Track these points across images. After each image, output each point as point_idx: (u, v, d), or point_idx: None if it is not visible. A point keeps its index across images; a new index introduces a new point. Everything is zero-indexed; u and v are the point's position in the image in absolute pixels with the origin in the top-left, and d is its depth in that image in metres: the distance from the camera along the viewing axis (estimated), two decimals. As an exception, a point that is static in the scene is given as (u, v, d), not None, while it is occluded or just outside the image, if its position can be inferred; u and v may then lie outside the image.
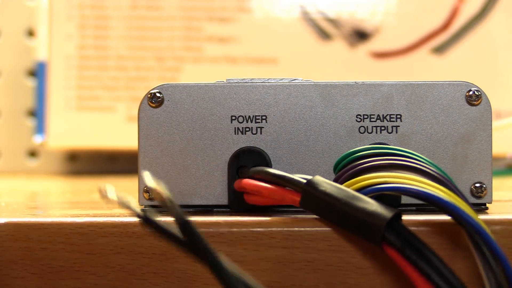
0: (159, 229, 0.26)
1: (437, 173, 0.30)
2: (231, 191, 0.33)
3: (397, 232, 0.28)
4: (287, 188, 0.31)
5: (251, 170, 0.32)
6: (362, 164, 0.31)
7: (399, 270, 0.30)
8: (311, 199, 0.30)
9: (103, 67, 0.64)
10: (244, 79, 0.34)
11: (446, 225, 0.30)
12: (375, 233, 0.28)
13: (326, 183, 0.30)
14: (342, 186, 0.30)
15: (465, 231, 0.28)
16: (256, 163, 0.33)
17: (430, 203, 0.29)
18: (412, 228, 0.29)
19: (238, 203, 0.33)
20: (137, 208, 0.27)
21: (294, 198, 0.30)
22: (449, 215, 0.29)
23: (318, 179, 0.30)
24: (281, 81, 0.34)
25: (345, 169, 0.32)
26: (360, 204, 0.29)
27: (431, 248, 0.28)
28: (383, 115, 0.34)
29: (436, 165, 0.32)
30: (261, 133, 0.34)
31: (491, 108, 0.34)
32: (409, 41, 0.65)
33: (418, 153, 0.32)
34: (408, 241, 0.28)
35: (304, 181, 0.30)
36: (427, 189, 0.29)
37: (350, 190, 0.29)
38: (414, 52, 0.65)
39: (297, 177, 0.30)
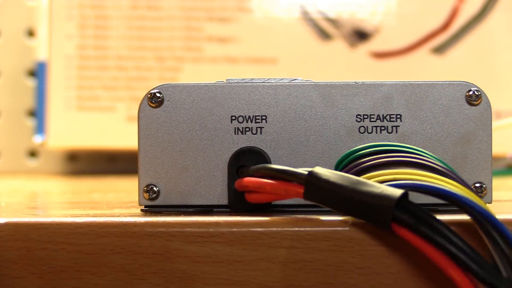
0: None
1: (443, 167, 0.30)
2: (231, 191, 0.33)
3: (408, 211, 0.28)
4: (290, 181, 0.31)
5: (251, 169, 0.32)
6: (365, 163, 0.31)
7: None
8: (315, 189, 0.30)
9: (103, 67, 0.64)
10: (244, 79, 0.34)
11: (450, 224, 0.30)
12: (384, 214, 0.28)
13: (328, 172, 0.30)
14: (344, 173, 0.30)
15: (478, 225, 0.28)
16: (256, 163, 0.33)
17: (441, 198, 0.28)
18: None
19: (238, 203, 0.33)
20: None
21: (298, 190, 0.30)
22: (461, 208, 0.28)
23: (320, 169, 0.30)
24: (281, 81, 0.34)
25: (347, 168, 0.32)
26: (366, 188, 0.28)
27: (443, 222, 0.27)
28: (383, 115, 0.34)
29: (440, 159, 0.32)
30: (261, 133, 0.34)
31: (491, 108, 0.34)
32: (409, 41, 0.65)
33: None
34: (420, 217, 0.27)
35: (306, 172, 0.30)
36: (438, 184, 0.29)
37: (353, 176, 0.29)
38: (414, 52, 0.65)
39: (298, 170, 0.30)
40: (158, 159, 0.34)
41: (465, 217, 0.29)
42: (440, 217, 0.29)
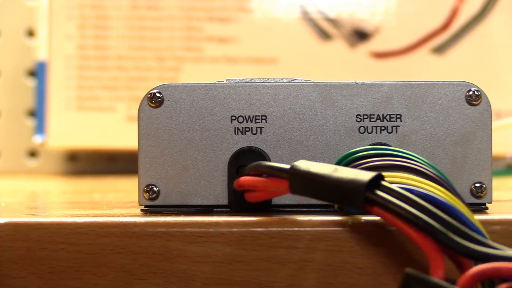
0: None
1: (435, 174, 0.30)
2: (231, 191, 0.33)
3: (381, 191, 0.28)
4: (279, 177, 0.31)
5: (247, 168, 0.32)
6: (362, 165, 0.31)
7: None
8: (298, 181, 0.30)
9: (103, 67, 0.64)
10: (244, 79, 0.34)
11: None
12: (357, 196, 0.28)
13: (308, 163, 0.30)
14: (324, 164, 0.30)
15: None
16: (256, 163, 0.33)
17: (428, 203, 0.29)
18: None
19: (238, 203, 0.33)
20: None
21: (286, 185, 0.30)
22: (445, 214, 0.29)
23: (301, 161, 0.30)
24: (281, 81, 0.34)
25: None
26: (341, 174, 0.29)
27: (415, 198, 0.28)
28: (383, 115, 0.34)
29: (434, 166, 0.32)
30: (261, 133, 0.34)
31: (491, 108, 0.34)
32: (409, 41, 0.65)
33: (418, 153, 0.32)
34: (391, 196, 0.28)
35: (289, 166, 0.30)
36: (425, 189, 0.29)
37: (332, 165, 0.30)
38: (414, 52, 0.65)
39: (284, 164, 0.31)
40: (158, 159, 0.34)
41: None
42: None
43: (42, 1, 0.64)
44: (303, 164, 0.30)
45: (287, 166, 0.30)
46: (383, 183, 0.28)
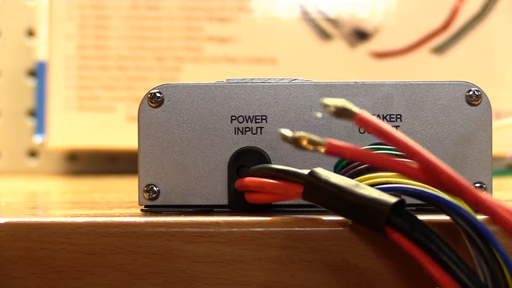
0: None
1: None
2: (231, 191, 0.33)
3: (403, 217, 0.28)
4: (290, 181, 0.31)
5: (252, 169, 0.32)
6: (361, 165, 0.31)
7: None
8: (314, 189, 0.30)
9: (103, 67, 0.64)
10: (244, 79, 0.34)
11: (446, 225, 0.30)
12: (379, 218, 0.28)
13: (328, 173, 0.30)
14: (344, 177, 0.30)
15: (463, 230, 0.28)
16: (256, 163, 0.33)
17: (429, 203, 0.29)
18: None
19: (238, 203, 0.33)
20: None
21: (297, 190, 0.30)
22: (447, 213, 0.29)
23: (320, 169, 0.30)
24: (281, 81, 0.34)
25: (345, 169, 0.32)
26: (363, 192, 0.29)
27: (437, 233, 0.28)
28: (383, 115, 0.34)
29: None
30: (261, 133, 0.34)
31: (491, 108, 0.34)
32: (409, 41, 0.65)
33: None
34: (413, 224, 0.28)
35: (306, 172, 0.30)
36: (426, 188, 0.29)
37: (353, 180, 0.29)
38: (414, 52, 0.65)
39: (299, 170, 0.30)
40: (158, 159, 0.34)
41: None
42: (425, 217, 0.29)
43: (42, 1, 0.64)
44: (323, 172, 0.30)
45: (305, 172, 0.30)
46: (404, 209, 0.28)
